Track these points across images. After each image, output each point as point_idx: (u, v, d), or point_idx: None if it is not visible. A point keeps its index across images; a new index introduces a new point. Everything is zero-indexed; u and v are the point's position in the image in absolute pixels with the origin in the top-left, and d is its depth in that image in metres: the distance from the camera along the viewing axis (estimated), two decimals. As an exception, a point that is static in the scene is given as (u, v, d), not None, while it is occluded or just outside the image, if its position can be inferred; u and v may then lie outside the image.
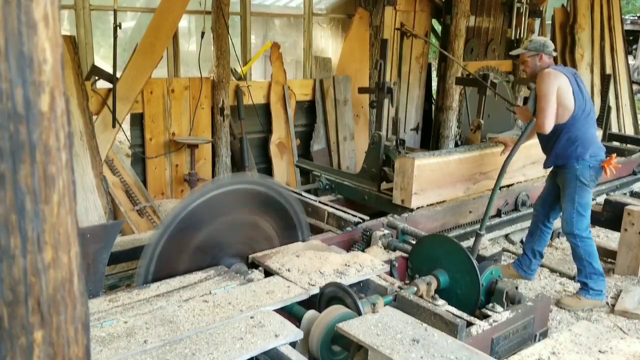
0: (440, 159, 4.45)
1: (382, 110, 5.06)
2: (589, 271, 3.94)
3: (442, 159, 4.47)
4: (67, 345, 0.88)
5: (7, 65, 0.75)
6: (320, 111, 6.84)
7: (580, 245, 3.90)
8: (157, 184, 5.70)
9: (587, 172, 3.78)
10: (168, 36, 5.50)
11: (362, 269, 2.99)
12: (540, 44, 3.88)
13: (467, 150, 4.72)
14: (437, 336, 2.35)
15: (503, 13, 8.40)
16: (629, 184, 6.34)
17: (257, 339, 2.28)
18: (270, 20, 8.28)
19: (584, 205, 3.84)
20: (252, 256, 3.14)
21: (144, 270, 2.78)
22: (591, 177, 3.81)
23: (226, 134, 5.96)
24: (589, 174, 3.79)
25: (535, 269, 4.43)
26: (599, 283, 3.96)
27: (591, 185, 3.85)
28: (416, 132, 8.08)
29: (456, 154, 4.63)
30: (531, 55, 3.90)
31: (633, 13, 19.71)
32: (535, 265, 4.41)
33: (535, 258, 4.37)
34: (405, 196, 4.31)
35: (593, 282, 3.96)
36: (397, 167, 4.35)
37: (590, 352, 2.32)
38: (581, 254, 3.91)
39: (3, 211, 0.77)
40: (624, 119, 9.52)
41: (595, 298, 3.98)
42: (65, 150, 0.83)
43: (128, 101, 5.28)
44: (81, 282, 0.89)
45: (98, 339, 2.21)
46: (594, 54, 9.27)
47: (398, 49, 7.20)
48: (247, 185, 3.14)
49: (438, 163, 4.41)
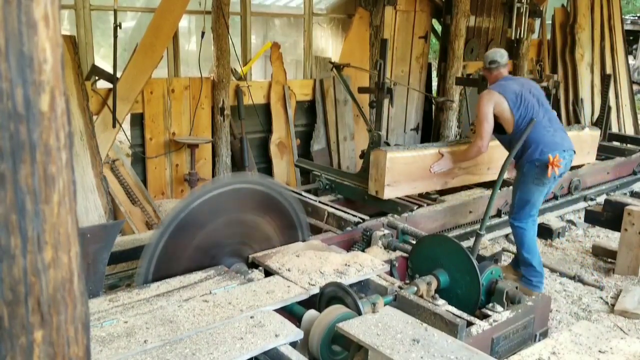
0: (415, 153, 4.56)
1: (381, 110, 5.06)
2: (522, 259, 4.10)
3: (417, 152, 4.58)
4: (67, 345, 0.88)
5: (8, 65, 0.75)
6: (321, 111, 6.84)
7: (515, 233, 4.15)
8: (157, 183, 5.70)
9: (532, 171, 3.98)
10: (168, 36, 5.50)
11: (362, 268, 2.99)
12: (489, 59, 4.30)
13: (444, 146, 4.79)
14: (437, 336, 2.35)
15: (503, 13, 8.41)
16: (629, 184, 6.34)
17: (257, 338, 2.28)
18: (271, 20, 8.27)
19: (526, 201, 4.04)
20: (252, 256, 3.15)
21: (144, 270, 2.78)
22: (536, 175, 3.98)
23: (226, 134, 5.96)
24: (535, 172, 3.98)
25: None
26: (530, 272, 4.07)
27: (535, 182, 4.00)
28: (416, 132, 8.09)
29: (432, 148, 4.69)
30: (487, 68, 4.34)
31: (633, 13, 19.70)
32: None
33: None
34: (378, 187, 4.46)
35: (526, 271, 4.09)
36: (372, 159, 4.49)
37: (591, 352, 2.32)
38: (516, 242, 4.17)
39: (3, 211, 0.77)
40: (624, 119, 9.52)
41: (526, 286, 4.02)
42: (66, 150, 0.83)
43: (128, 101, 5.28)
44: (81, 282, 0.89)
45: (98, 339, 2.21)
46: (594, 54, 9.27)
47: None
48: (247, 185, 3.14)
49: (412, 157, 4.52)
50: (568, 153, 4.04)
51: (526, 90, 4.12)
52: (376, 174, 4.46)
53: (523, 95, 4.07)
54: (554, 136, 4.01)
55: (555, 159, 3.90)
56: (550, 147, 3.95)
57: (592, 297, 4.21)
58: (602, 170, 6.09)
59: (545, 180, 3.98)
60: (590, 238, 5.40)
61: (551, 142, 3.97)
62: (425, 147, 4.72)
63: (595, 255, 4.95)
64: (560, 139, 4.04)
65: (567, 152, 4.03)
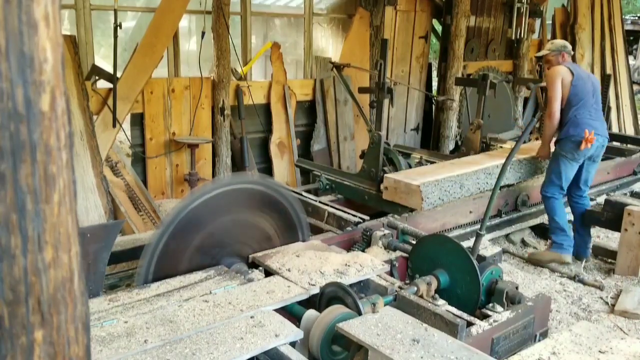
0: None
1: (382, 110, 5.06)
2: (553, 226, 4.68)
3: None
4: (68, 345, 0.88)
5: (8, 65, 0.75)
6: (321, 111, 6.84)
7: (545, 204, 4.73)
8: (157, 183, 5.70)
9: (567, 145, 4.54)
10: (168, 36, 5.50)
11: (362, 268, 2.99)
12: (561, 45, 4.77)
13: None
14: (437, 336, 2.35)
15: (503, 13, 8.40)
16: (629, 184, 6.34)
17: (257, 338, 2.28)
18: (271, 20, 8.27)
19: (557, 173, 4.62)
20: (253, 256, 3.15)
21: (144, 270, 2.78)
22: (570, 149, 4.53)
23: (226, 134, 5.96)
24: (568, 147, 4.54)
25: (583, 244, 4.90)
26: (560, 237, 4.65)
27: (569, 155, 4.54)
28: (416, 132, 8.09)
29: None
30: (554, 55, 4.73)
31: (633, 13, 19.71)
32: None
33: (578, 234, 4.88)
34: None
35: (555, 236, 4.68)
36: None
37: (591, 352, 2.32)
38: (547, 211, 4.75)
39: (4, 211, 0.77)
40: (624, 119, 9.52)
41: (557, 250, 4.66)
42: (66, 149, 0.83)
43: (128, 101, 5.28)
44: (81, 282, 0.89)
45: (98, 339, 2.22)
46: (595, 54, 9.26)
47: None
48: (248, 185, 3.14)
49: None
50: (602, 137, 4.60)
51: (588, 78, 4.67)
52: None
53: (584, 80, 4.59)
54: (594, 120, 4.55)
55: (591, 135, 4.41)
56: (588, 126, 4.47)
57: (592, 297, 4.21)
58: (602, 170, 6.07)
59: (577, 155, 4.51)
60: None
61: (589, 124, 4.49)
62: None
63: (595, 255, 4.95)
64: (598, 125, 4.58)
65: (601, 136, 4.58)
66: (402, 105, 7.76)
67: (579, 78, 4.56)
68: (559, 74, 4.56)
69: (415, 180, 4.27)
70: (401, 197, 4.33)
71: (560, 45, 4.78)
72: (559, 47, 4.75)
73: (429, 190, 4.22)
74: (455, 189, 4.46)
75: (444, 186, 4.36)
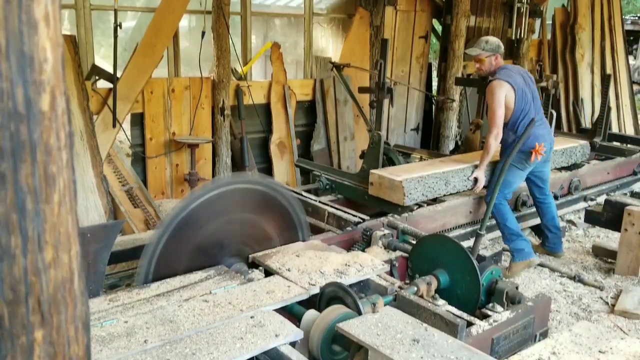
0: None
1: (382, 110, 5.06)
2: (508, 232, 4.44)
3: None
4: (68, 345, 0.88)
5: (8, 65, 0.75)
6: (321, 111, 6.84)
7: (493, 212, 4.43)
8: (157, 183, 5.70)
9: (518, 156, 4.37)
10: (168, 36, 5.50)
11: (362, 268, 2.99)
12: (496, 45, 4.52)
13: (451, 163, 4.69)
14: (437, 336, 2.35)
15: (503, 13, 8.40)
16: (629, 184, 6.34)
17: (257, 338, 2.28)
18: (271, 20, 8.28)
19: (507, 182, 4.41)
20: (252, 256, 3.14)
21: (144, 269, 2.78)
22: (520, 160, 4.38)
23: (226, 134, 5.96)
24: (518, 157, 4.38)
25: (556, 242, 4.82)
26: (518, 243, 4.40)
27: (519, 166, 4.40)
28: (416, 132, 8.09)
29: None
30: (488, 56, 4.51)
31: (633, 13, 19.71)
32: (554, 238, 4.80)
33: (551, 232, 4.78)
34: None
35: (513, 244, 4.41)
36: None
37: (591, 352, 2.32)
38: (497, 219, 4.48)
39: (4, 210, 0.77)
40: (624, 119, 9.52)
41: (524, 258, 4.40)
42: (66, 149, 0.83)
43: (128, 101, 5.28)
44: (81, 282, 0.89)
45: (98, 339, 2.21)
46: (595, 54, 9.26)
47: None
48: (248, 185, 3.14)
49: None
50: (548, 143, 4.49)
51: (525, 85, 4.45)
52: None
53: (524, 90, 4.40)
54: (539, 128, 4.41)
55: (540, 147, 4.34)
56: (537, 138, 4.36)
57: (592, 297, 4.21)
58: (602, 170, 6.08)
59: (527, 165, 4.40)
60: (590, 238, 5.40)
61: (536, 134, 4.37)
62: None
63: (595, 255, 4.95)
64: (545, 131, 4.48)
65: (548, 142, 4.48)
66: (402, 105, 7.76)
67: (518, 89, 4.31)
68: (503, 92, 4.27)
69: (398, 176, 4.28)
70: (385, 193, 4.34)
71: (495, 45, 4.48)
72: (494, 48, 4.48)
73: (412, 186, 4.21)
74: (440, 186, 4.40)
75: (428, 182, 4.33)
